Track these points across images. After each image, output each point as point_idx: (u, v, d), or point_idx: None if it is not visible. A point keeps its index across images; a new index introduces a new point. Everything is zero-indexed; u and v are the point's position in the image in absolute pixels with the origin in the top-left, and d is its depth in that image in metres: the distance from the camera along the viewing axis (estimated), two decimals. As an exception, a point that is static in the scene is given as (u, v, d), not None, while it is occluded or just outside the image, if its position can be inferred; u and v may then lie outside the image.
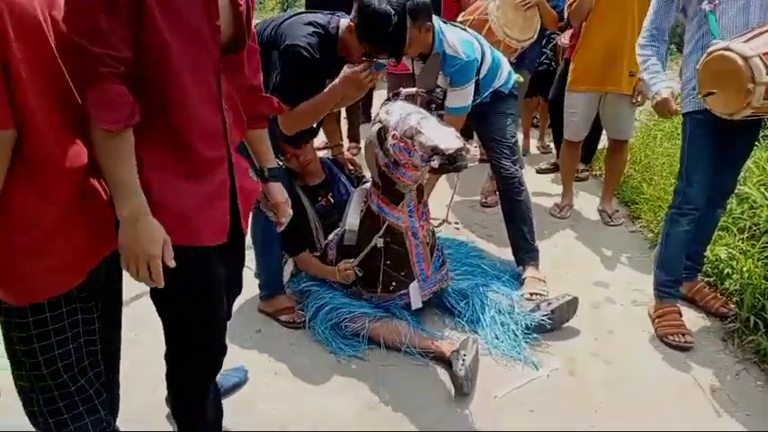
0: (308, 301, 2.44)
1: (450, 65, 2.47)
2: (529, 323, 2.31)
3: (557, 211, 3.48)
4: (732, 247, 2.60)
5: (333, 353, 2.21)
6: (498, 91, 2.71)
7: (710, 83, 1.95)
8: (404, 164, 2.14)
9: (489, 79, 2.66)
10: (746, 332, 2.25)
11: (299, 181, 2.57)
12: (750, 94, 1.81)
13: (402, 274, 2.34)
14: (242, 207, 1.35)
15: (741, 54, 1.81)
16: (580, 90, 3.20)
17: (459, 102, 2.56)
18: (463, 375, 1.96)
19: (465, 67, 2.48)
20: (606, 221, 3.36)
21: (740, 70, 1.81)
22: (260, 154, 1.55)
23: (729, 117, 1.94)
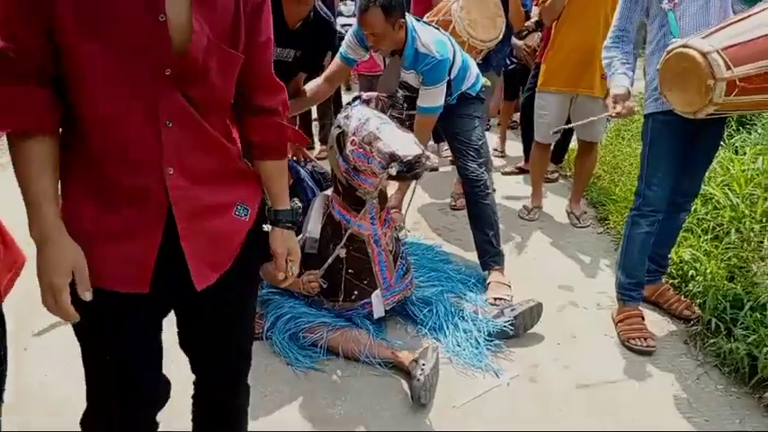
0: (267, 311, 2.38)
1: (423, 63, 2.43)
2: (492, 330, 2.28)
3: (525, 213, 3.46)
4: (696, 248, 2.59)
5: (289, 364, 2.16)
6: (465, 93, 2.68)
7: (672, 82, 1.93)
8: (363, 170, 2.09)
9: (459, 80, 2.63)
10: (708, 335, 2.24)
11: None
12: (711, 90, 1.78)
13: (364, 283, 2.29)
14: (193, 254, 1.08)
15: (699, 50, 1.79)
16: (551, 91, 3.18)
17: (431, 101, 2.52)
18: (420, 386, 1.91)
19: (437, 66, 2.44)
20: (574, 223, 3.35)
21: (699, 67, 1.79)
22: (268, 191, 1.27)
23: (693, 115, 1.91)
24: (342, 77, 2.68)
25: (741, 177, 2.89)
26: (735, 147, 3.41)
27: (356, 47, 2.53)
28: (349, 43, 2.53)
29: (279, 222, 1.28)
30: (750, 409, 1.94)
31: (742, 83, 1.76)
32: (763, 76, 1.79)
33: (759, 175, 2.92)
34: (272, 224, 1.28)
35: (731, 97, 1.78)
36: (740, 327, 2.14)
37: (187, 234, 1.07)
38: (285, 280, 1.30)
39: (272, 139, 1.23)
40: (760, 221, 2.67)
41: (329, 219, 2.29)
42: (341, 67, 2.59)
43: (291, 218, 1.29)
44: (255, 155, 1.24)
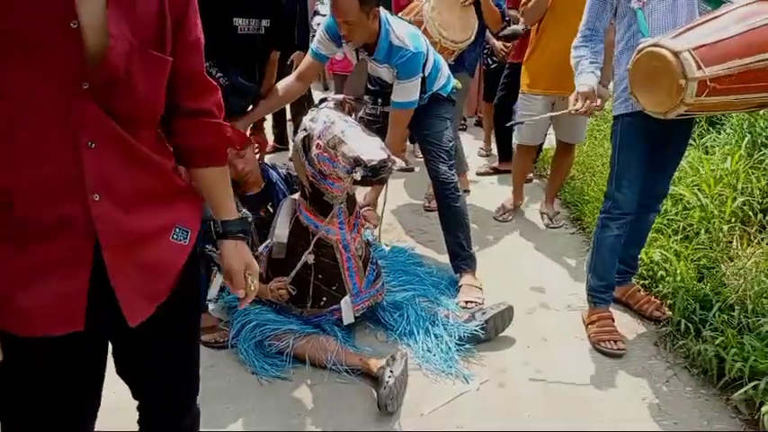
0: (232, 318, 2.32)
1: (398, 56, 2.36)
2: (463, 334, 2.25)
3: (500, 214, 3.43)
4: (666, 249, 2.59)
5: (255, 373, 2.10)
6: (437, 94, 2.64)
7: (642, 82, 1.91)
8: (329, 174, 2.04)
9: (431, 79, 2.58)
10: (678, 336, 2.24)
11: (236, 190, 2.43)
12: (682, 90, 1.77)
13: (333, 289, 2.24)
14: (125, 287, 0.98)
15: (671, 49, 1.77)
16: (535, 93, 3.13)
17: (406, 96, 2.45)
18: (387, 393, 1.87)
19: (412, 60, 2.38)
20: (547, 224, 3.34)
21: (670, 66, 1.77)
22: (212, 201, 1.17)
23: (663, 116, 1.89)
24: (313, 75, 2.61)
25: (710, 178, 2.91)
26: (705, 147, 3.43)
27: (328, 42, 2.46)
28: (320, 39, 2.46)
29: (229, 234, 1.17)
30: (718, 411, 1.93)
31: (712, 83, 1.74)
32: (733, 77, 1.78)
33: (728, 175, 2.93)
34: (221, 237, 1.18)
35: (702, 98, 1.76)
36: (709, 328, 2.14)
37: (117, 268, 0.96)
38: (246, 297, 1.21)
39: (210, 142, 1.12)
40: (729, 222, 2.68)
41: (297, 223, 2.24)
42: (312, 64, 2.52)
43: (242, 227, 1.19)
44: (193, 163, 1.13)
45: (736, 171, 2.93)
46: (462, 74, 3.34)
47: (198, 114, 1.10)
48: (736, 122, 3.32)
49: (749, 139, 3.13)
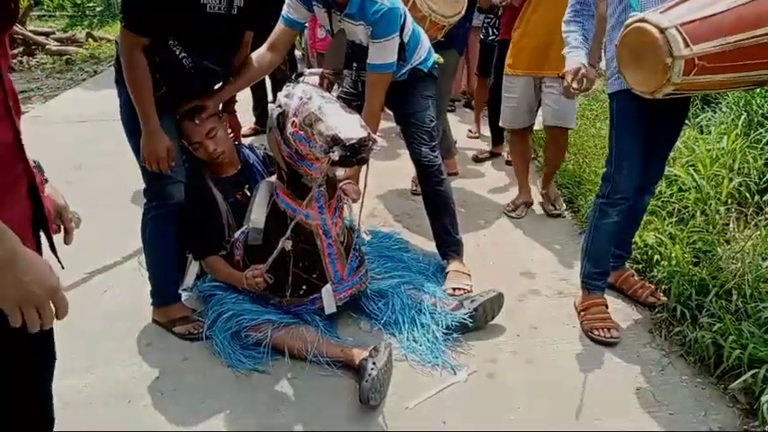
0: (208, 307, 2.21)
1: (372, 11, 2.16)
2: (450, 323, 2.15)
3: (510, 210, 3.21)
4: (661, 231, 2.50)
5: (230, 366, 1.99)
6: (417, 69, 2.48)
7: (629, 59, 1.80)
8: (306, 155, 1.91)
9: (411, 50, 2.41)
10: (673, 323, 2.16)
11: (209, 172, 2.30)
12: (669, 69, 1.66)
13: (314, 277, 2.12)
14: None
15: (657, 25, 1.66)
16: (516, 74, 3.01)
17: (383, 57, 2.24)
18: (369, 387, 1.77)
19: (388, 15, 2.18)
20: (549, 210, 3.15)
21: (656, 43, 1.65)
22: None
23: (651, 96, 1.79)
24: (287, 44, 2.40)
25: (706, 158, 2.81)
26: (700, 126, 3.34)
27: (298, 5, 2.29)
28: (290, 3, 2.29)
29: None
30: (715, 401, 1.85)
31: (701, 61, 1.63)
32: (726, 54, 1.66)
33: (724, 155, 2.84)
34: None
35: (690, 77, 1.65)
36: (705, 314, 2.06)
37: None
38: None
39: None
40: (725, 203, 2.60)
41: (274, 207, 2.12)
42: (285, 32, 2.33)
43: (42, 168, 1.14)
44: None
45: (733, 150, 2.84)
46: (451, 51, 3.22)
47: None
48: (732, 100, 3.23)
49: (746, 118, 3.03)
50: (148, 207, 2.08)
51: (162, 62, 1.88)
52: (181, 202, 2.07)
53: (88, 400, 1.85)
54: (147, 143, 1.92)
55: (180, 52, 1.88)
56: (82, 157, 3.95)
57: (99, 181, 3.52)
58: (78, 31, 10.28)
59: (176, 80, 1.97)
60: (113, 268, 2.65)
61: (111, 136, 2.11)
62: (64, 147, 4.23)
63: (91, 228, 2.94)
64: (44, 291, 0.84)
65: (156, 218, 2.06)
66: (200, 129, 2.13)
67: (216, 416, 1.80)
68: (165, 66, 1.90)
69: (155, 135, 1.92)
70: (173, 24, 1.82)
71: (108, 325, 2.18)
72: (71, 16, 12.57)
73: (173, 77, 1.95)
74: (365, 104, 2.33)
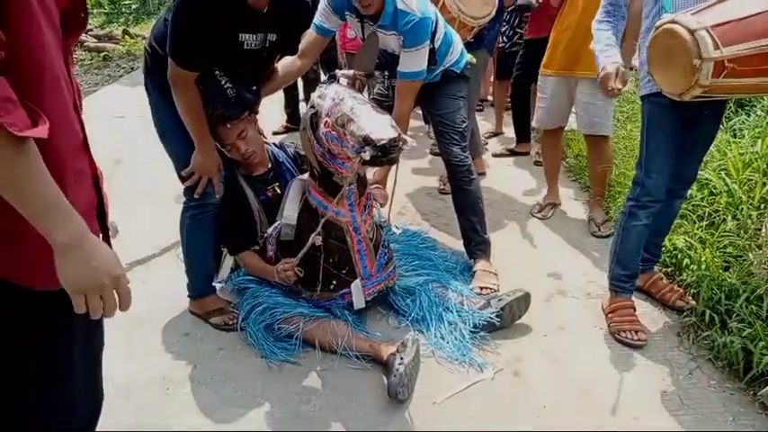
0: (242, 299, 2.29)
1: (404, 22, 2.22)
2: (477, 321, 2.18)
3: (537, 211, 3.19)
4: (691, 235, 2.49)
5: (263, 357, 2.06)
6: (449, 71, 2.53)
7: (659, 61, 1.81)
8: (338, 154, 1.97)
9: (442, 53, 2.45)
10: (702, 327, 2.15)
11: (242, 170, 2.38)
12: (697, 71, 1.66)
13: (344, 272, 2.18)
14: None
15: (686, 27, 1.66)
16: (548, 74, 2.99)
17: (413, 65, 2.31)
18: (398, 381, 1.82)
19: (420, 25, 2.24)
20: (594, 231, 2.96)
21: (686, 45, 1.66)
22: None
23: (679, 98, 1.79)
24: (317, 50, 2.47)
25: (739, 161, 2.78)
26: (733, 129, 3.29)
27: (331, 15, 2.35)
28: (323, 12, 2.35)
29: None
30: (744, 406, 1.85)
31: (731, 64, 1.62)
32: (757, 57, 1.65)
33: (757, 159, 2.80)
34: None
35: (720, 79, 1.65)
36: (735, 319, 2.05)
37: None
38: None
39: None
40: (758, 208, 2.56)
41: (306, 204, 2.18)
42: (316, 39, 2.39)
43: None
44: None
45: (767, 155, 2.80)
46: (481, 51, 3.24)
47: None
48: (767, 104, 3.17)
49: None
50: (188, 205, 2.16)
51: (208, 91, 1.98)
52: (218, 202, 2.16)
53: (127, 387, 1.92)
54: (202, 161, 2.05)
55: (225, 83, 1.99)
56: (121, 151, 4.09)
57: (137, 175, 3.64)
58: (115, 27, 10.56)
59: (219, 107, 2.08)
60: (152, 260, 2.76)
61: (149, 132, 2.19)
62: (103, 141, 4.35)
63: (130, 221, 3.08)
64: (110, 278, 0.88)
65: (195, 216, 2.14)
66: (231, 131, 2.21)
67: (249, 405, 1.86)
68: (211, 95, 2.00)
69: (208, 154, 2.05)
70: (216, 60, 1.93)
71: (147, 315, 2.27)
72: (107, 13, 12.89)
73: (217, 104, 2.06)
74: (393, 111, 2.37)
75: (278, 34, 2.03)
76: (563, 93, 2.99)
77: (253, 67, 2.10)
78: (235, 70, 2.02)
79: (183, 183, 2.11)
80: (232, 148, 2.26)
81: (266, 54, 2.09)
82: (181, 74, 1.89)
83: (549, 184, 3.27)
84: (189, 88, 1.92)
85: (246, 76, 2.10)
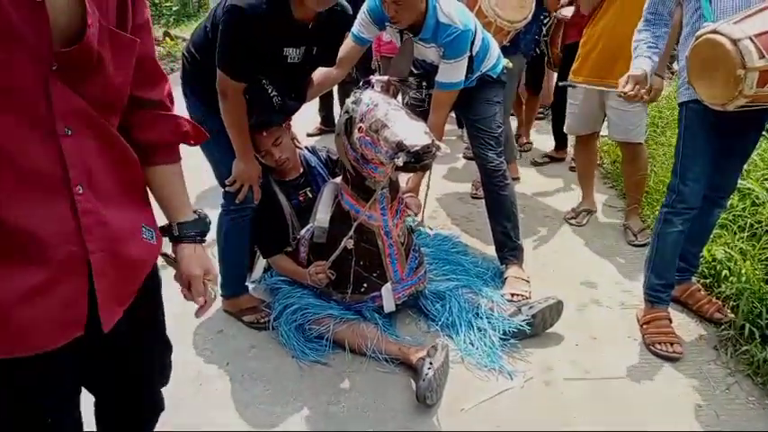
0: (275, 299, 2.33)
1: (445, 34, 2.25)
2: (507, 329, 2.17)
3: (572, 217, 3.14)
4: (731, 246, 2.42)
5: (295, 357, 2.09)
6: (486, 76, 2.52)
7: (700, 71, 1.77)
8: (371, 159, 1.99)
9: (480, 60, 2.46)
10: (741, 341, 2.09)
11: (274, 175, 2.43)
12: (740, 81, 1.62)
13: (374, 276, 2.20)
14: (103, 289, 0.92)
15: (729, 37, 1.62)
16: (579, 82, 2.92)
17: (452, 76, 2.34)
18: (426, 386, 1.82)
19: (460, 37, 2.26)
20: (630, 240, 2.91)
21: (728, 55, 1.62)
22: (167, 201, 1.09)
23: (722, 108, 1.75)
24: (354, 59, 2.49)
25: (784, 171, 2.69)
26: (778, 138, 3.18)
27: (370, 25, 2.37)
28: (362, 21, 2.37)
29: (185, 237, 1.08)
30: (785, 425, 1.79)
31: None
32: None
33: (804, 169, 2.71)
34: (178, 240, 1.09)
35: (765, 89, 1.61)
36: (776, 334, 1.99)
37: (101, 269, 0.90)
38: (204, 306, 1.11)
39: (167, 137, 1.05)
40: (803, 220, 2.48)
41: (338, 208, 2.20)
42: (354, 49, 2.42)
43: (202, 228, 1.11)
44: (147, 160, 1.03)
45: (813, 165, 2.70)
46: (517, 56, 3.21)
47: (151, 106, 1.03)
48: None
49: (830, 131, 2.86)
50: (227, 209, 2.20)
51: (254, 99, 2.02)
52: (256, 205, 2.20)
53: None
54: (244, 169, 2.10)
55: (272, 91, 2.03)
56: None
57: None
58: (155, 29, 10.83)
59: (264, 115, 2.11)
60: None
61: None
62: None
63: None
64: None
65: (235, 220, 2.19)
66: (267, 138, 2.25)
67: (279, 403, 1.90)
68: (258, 104, 2.04)
69: (250, 162, 2.11)
70: (263, 70, 1.98)
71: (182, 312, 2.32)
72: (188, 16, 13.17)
73: (262, 113, 2.09)
74: (429, 118, 2.39)
75: (319, 47, 2.07)
76: (594, 100, 2.93)
77: (294, 79, 2.14)
78: (278, 81, 2.07)
79: (224, 188, 2.16)
80: (267, 155, 2.30)
81: (309, 67, 2.13)
82: (231, 84, 1.93)
83: (584, 190, 3.22)
84: (237, 99, 1.96)
85: (288, 86, 2.14)
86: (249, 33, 1.81)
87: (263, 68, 1.98)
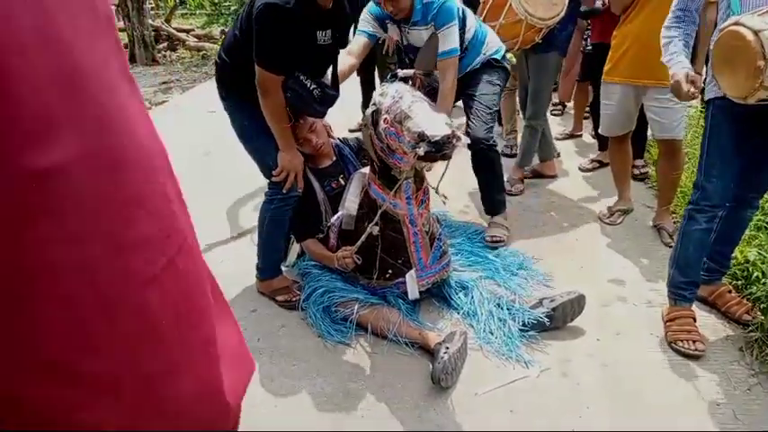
0: (305, 282, 2.45)
1: (430, 9, 2.57)
2: (527, 320, 2.21)
3: (606, 216, 3.13)
4: (766, 248, 2.37)
5: (320, 336, 2.21)
6: (490, 59, 2.78)
7: (723, 63, 1.76)
8: (395, 149, 2.08)
9: (480, 42, 2.76)
10: (767, 343, 2.06)
11: (309, 163, 2.56)
12: (761, 72, 1.61)
13: (399, 262, 2.29)
14: None
15: (751, 28, 1.62)
16: (615, 81, 2.89)
17: (447, 44, 2.60)
18: (441, 368, 1.90)
19: (444, 7, 2.56)
20: (667, 242, 2.86)
21: (749, 46, 1.61)
22: None
23: (743, 101, 1.74)
24: (365, 52, 2.74)
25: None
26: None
27: (374, 22, 2.70)
28: (368, 20, 2.67)
29: None
30: (805, 428, 1.77)
31: None
32: None
33: None
34: None
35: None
36: (804, 337, 1.95)
37: None
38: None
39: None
40: None
41: (366, 196, 2.31)
42: (364, 43, 2.70)
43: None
44: None
45: None
46: (552, 54, 3.22)
47: None
48: None
49: None
50: (272, 198, 2.33)
51: (294, 95, 2.14)
52: (299, 194, 2.34)
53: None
54: (289, 159, 2.25)
55: (311, 84, 2.15)
56: (210, 144, 4.43)
57: (222, 167, 3.94)
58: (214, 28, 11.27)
59: (305, 109, 2.24)
60: (230, 242, 3.00)
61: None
62: (196, 134, 4.76)
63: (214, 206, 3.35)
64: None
65: (280, 208, 2.33)
66: (303, 126, 2.38)
67: (303, 377, 2.02)
68: (297, 98, 2.15)
69: (294, 152, 2.27)
70: (296, 59, 2.10)
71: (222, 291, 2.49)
72: (209, 14, 13.75)
73: (303, 107, 2.22)
74: (440, 88, 2.65)
75: (338, 28, 2.21)
76: (630, 99, 2.88)
77: (326, 65, 2.27)
78: (313, 69, 2.18)
79: (270, 178, 2.30)
80: (305, 142, 2.43)
81: (332, 49, 2.25)
82: (268, 77, 2.06)
83: (619, 189, 3.19)
84: (276, 92, 2.10)
85: (322, 72, 2.26)
86: (285, 24, 1.95)
87: (298, 58, 2.09)
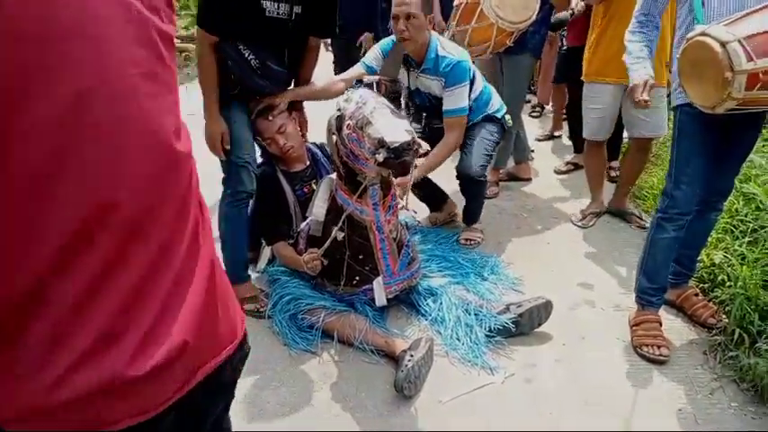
0: (272, 289, 2.43)
1: (444, 64, 2.60)
2: (494, 326, 2.20)
3: (578, 219, 3.15)
4: (731, 251, 2.38)
5: (286, 345, 2.19)
6: (490, 115, 2.84)
7: (691, 73, 1.77)
8: (359, 155, 2.06)
9: (484, 102, 2.81)
10: (730, 347, 2.07)
11: (281, 166, 2.53)
12: (728, 84, 1.62)
13: (367, 269, 2.27)
14: None
15: (718, 39, 1.62)
16: (606, 82, 2.87)
17: (456, 103, 2.65)
18: (404, 377, 1.89)
19: (458, 67, 2.60)
20: (639, 224, 3.04)
21: (717, 58, 1.62)
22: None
23: (711, 110, 1.75)
24: (354, 80, 2.65)
25: (792, 176, 2.62)
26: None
27: (381, 61, 2.68)
28: (375, 57, 2.68)
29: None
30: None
31: (766, 76, 1.57)
32: None
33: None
34: None
35: (754, 92, 1.60)
36: (766, 340, 1.96)
37: None
38: None
39: None
40: (810, 226, 2.42)
41: (333, 202, 2.29)
42: (359, 73, 2.65)
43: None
44: None
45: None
46: (524, 56, 3.22)
47: None
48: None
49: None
50: (224, 194, 2.32)
51: (234, 63, 2.14)
52: (253, 191, 2.31)
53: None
54: (207, 128, 2.23)
55: (249, 54, 2.14)
56: (185, 147, 4.39)
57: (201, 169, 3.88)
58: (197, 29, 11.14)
59: (246, 80, 2.21)
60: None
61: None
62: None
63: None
64: None
65: (230, 204, 2.30)
66: (271, 125, 2.36)
67: (266, 387, 2.00)
68: (236, 66, 2.15)
69: (213, 121, 2.23)
70: (239, 26, 2.08)
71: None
72: (193, 15, 13.61)
73: (243, 77, 2.19)
74: (444, 138, 2.71)
75: (303, 6, 2.16)
76: (618, 101, 2.91)
77: (278, 40, 2.20)
78: (260, 41, 2.14)
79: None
80: (271, 142, 2.41)
81: (292, 26, 2.18)
82: (201, 35, 2.11)
83: (593, 192, 3.20)
84: (207, 54, 2.12)
85: (272, 48, 2.20)
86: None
87: (240, 24, 2.07)
